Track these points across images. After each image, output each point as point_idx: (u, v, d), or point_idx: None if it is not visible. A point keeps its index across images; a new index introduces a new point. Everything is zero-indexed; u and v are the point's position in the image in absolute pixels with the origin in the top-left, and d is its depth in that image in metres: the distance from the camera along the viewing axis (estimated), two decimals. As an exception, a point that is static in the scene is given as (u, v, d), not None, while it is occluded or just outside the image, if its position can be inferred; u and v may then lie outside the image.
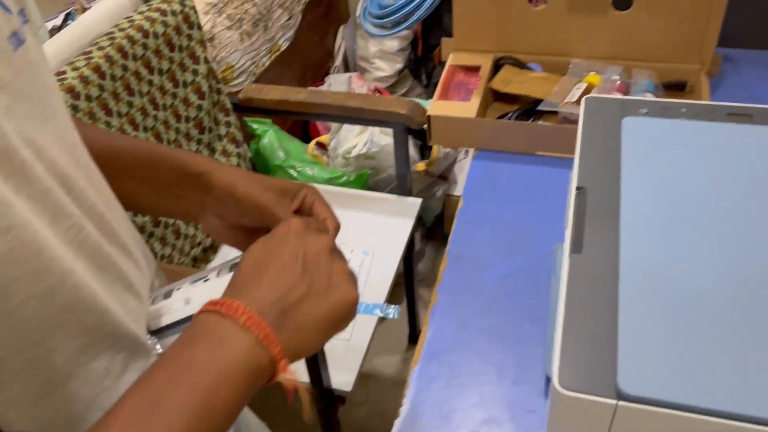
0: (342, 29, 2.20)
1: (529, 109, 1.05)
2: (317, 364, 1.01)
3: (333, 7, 2.18)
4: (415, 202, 1.37)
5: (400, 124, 1.28)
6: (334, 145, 1.69)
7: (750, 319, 0.46)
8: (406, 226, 1.32)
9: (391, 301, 0.97)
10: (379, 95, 1.91)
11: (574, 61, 1.07)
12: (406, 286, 1.56)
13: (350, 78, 2.04)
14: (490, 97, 1.11)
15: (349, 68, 2.23)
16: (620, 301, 0.48)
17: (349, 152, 1.63)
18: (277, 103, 1.32)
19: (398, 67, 2.12)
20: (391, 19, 1.72)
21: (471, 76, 1.11)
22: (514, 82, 1.08)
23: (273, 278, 0.43)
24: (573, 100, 1.00)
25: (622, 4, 1.03)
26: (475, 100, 1.03)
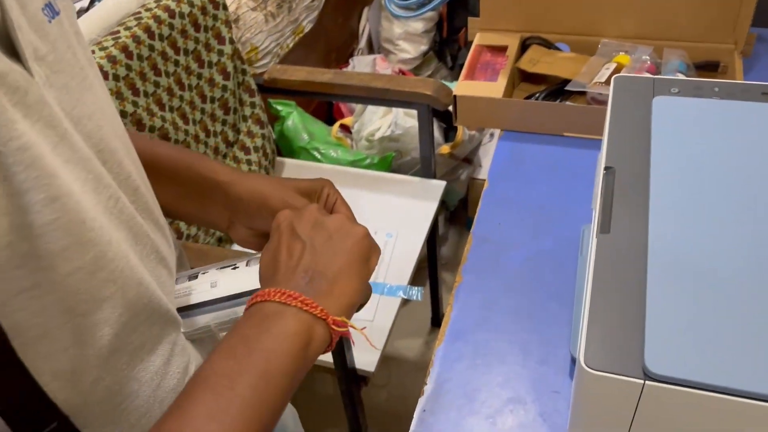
0: (366, 11, 2.19)
1: (556, 90, 1.03)
2: (341, 345, 1.02)
3: (357, -11, 2.17)
4: (439, 184, 1.36)
5: (425, 105, 1.28)
6: (357, 127, 1.69)
7: (782, 300, 0.45)
8: (430, 209, 1.31)
9: (414, 285, 0.97)
10: (404, 76, 1.90)
11: (603, 40, 1.05)
12: (430, 270, 1.55)
13: (374, 60, 2.02)
14: (517, 78, 1.09)
15: (373, 50, 2.22)
16: (648, 281, 0.48)
17: (373, 135, 1.62)
18: (302, 84, 1.32)
19: (423, 48, 2.11)
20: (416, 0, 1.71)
21: (498, 56, 1.09)
22: (542, 62, 1.06)
23: (286, 259, 0.47)
24: (602, 80, 0.98)
25: (654, -18, 1.01)
26: (501, 80, 1.01)
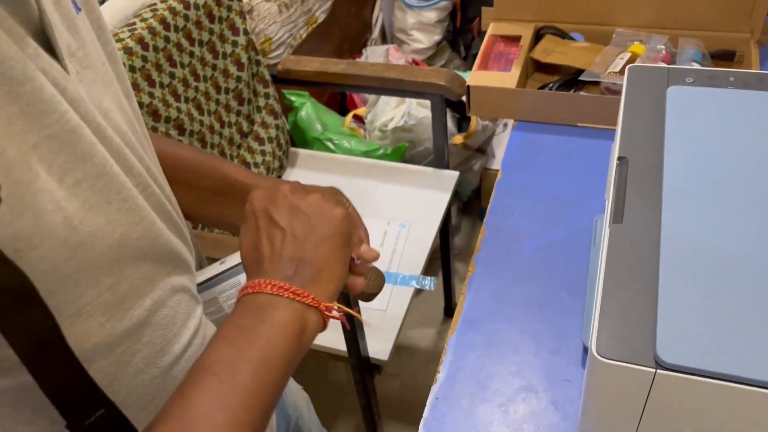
0: (379, 1, 2.18)
1: (570, 80, 1.03)
2: (355, 334, 1.03)
3: (371, -21, 2.17)
4: (452, 174, 1.36)
5: (439, 95, 1.28)
6: (371, 118, 1.69)
7: (795, 290, 0.45)
8: (443, 199, 1.32)
9: (426, 275, 0.97)
10: (417, 66, 1.90)
11: (618, 30, 1.04)
12: (442, 260, 1.56)
13: (388, 50, 2.02)
14: (530, 68, 1.09)
15: (386, 40, 2.22)
16: (661, 271, 0.48)
17: (386, 125, 1.62)
18: (316, 75, 1.33)
19: (436, 38, 2.10)
20: (430, -11, 1.70)
21: (511, 46, 1.09)
22: (556, 52, 1.06)
23: (268, 250, 0.47)
24: (616, 70, 0.98)
25: (669, -30, 1.00)
26: (515, 70, 1.01)
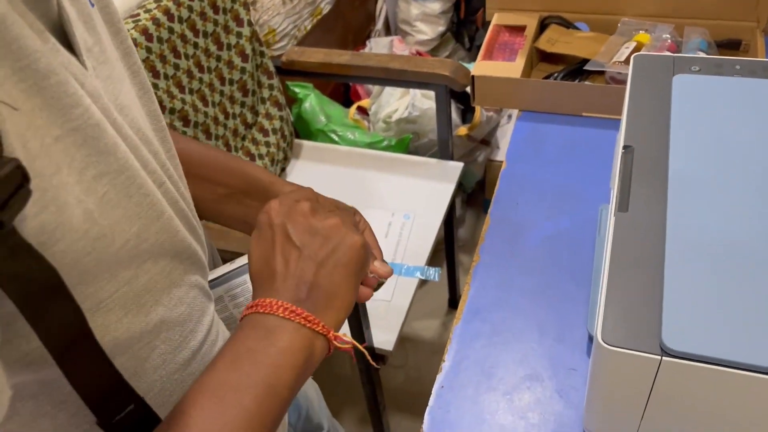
0: (384, -8, 2.18)
1: (575, 70, 1.03)
2: (360, 324, 1.03)
3: (375, -30, 2.16)
4: (457, 166, 1.36)
5: (443, 86, 1.27)
6: (375, 109, 1.69)
7: (801, 277, 0.45)
8: (448, 190, 1.32)
9: (431, 266, 0.97)
10: (422, 57, 1.89)
11: (623, 19, 1.04)
12: (447, 252, 1.56)
13: (392, 42, 2.02)
14: (535, 58, 1.09)
15: (390, 32, 2.21)
16: (666, 258, 0.48)
17: (390, 116, 1.62)
18: (320, 66, 1.33)
19: (440, 30, 2.09)
20: (434, -20, 1.69)
21: (516, 36, 1.09)
22: (560, 42, 1.05)
23: (282, 267, 0.45)
24: (621, 59, 0.97)
25: (675, -41, 1.00)
26: (520, 60, 1.01)
